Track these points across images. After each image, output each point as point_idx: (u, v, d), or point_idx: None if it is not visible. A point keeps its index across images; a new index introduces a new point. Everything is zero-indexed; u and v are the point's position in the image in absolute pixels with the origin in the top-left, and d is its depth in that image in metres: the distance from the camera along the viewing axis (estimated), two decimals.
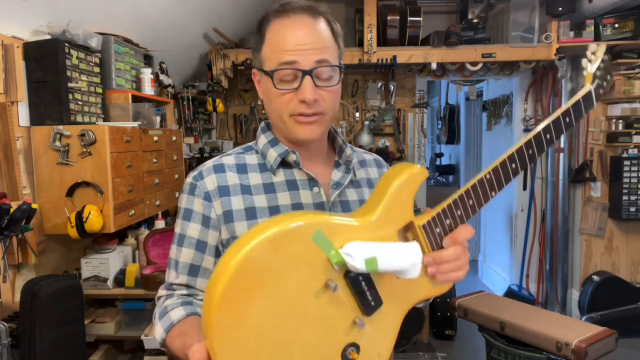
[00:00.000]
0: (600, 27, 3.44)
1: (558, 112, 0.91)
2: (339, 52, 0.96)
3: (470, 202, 0.85)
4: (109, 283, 2.35)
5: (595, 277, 3.80)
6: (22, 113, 2.05)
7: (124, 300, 2.40)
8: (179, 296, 0.95)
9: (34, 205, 1.90)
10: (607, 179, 3.80)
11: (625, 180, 3.62)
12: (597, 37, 3.45)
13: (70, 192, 2.10)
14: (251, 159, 1.00)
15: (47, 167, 2.10)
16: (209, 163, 0.99)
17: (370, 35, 3.51)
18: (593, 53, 0.98)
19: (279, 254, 0.67)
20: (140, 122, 2.42)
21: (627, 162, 3.62)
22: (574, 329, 2.35)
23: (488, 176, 0.86)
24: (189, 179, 0.98)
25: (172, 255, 0.98)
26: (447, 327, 3.66)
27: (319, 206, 0.95)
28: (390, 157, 4.11)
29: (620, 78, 3.56)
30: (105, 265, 2.36)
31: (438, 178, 6.42)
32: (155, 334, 0.93)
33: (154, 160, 2.62)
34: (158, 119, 2.74)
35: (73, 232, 2.07)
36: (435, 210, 0.83)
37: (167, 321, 0.90)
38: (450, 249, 0.81)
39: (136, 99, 2.53)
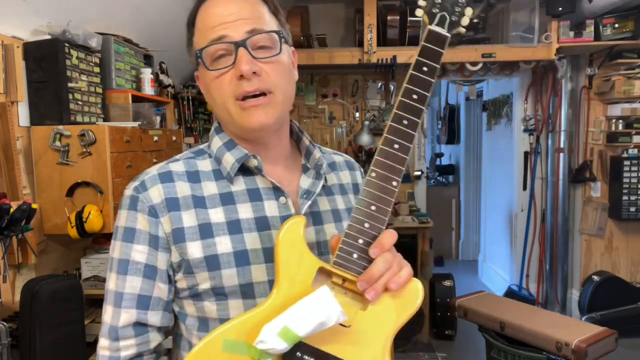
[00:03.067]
0: (600, 27, 3.44)
1: (410, 71, 0.77)
2: (282, 28, 0.84)
3: (373, 207, 0.74)
4: None
5: (595, 277, 3.80)
6: (22, 113, 2.05)
7: None
8: None
9: (34, 205, 1.90)
10: (607, 179, 3.80)
11: (625, 180, 3.62)
12: (597, 37, 3.45)
13: (70, 192, 2.10)
14: (204, 164, 0.86)
15: (47, 167, 2.10)
16: (153, 170, 0.84)
17: (370, 35, 3.51)
18: None
19: None
20: (140, 122, 2.42)
21: (627, 162, 3.62)
22: (574, 329, 2.35)
23: (374, 173, 0.75)
24: (128, 191, 0.82)
25: (111, 286, 0.80)
26: (447, 327, 3.66)
27: (287, 219, 0.79)
28: None
29: (620, 78, 3.56)
30: (105, 265, 2.36)
31: (438, 178, 6.42)
32: None
33: (154, 160, 2.62)
34: (158, 119, 2.74)
35: (73, 232, 2.07)
36: (340, 239, 0.74)
37: None
38: (378, 261, 0.72)
39: (136, 99, 2.53)
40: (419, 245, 3.75)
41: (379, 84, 4.14)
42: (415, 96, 0.76)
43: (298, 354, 0.68)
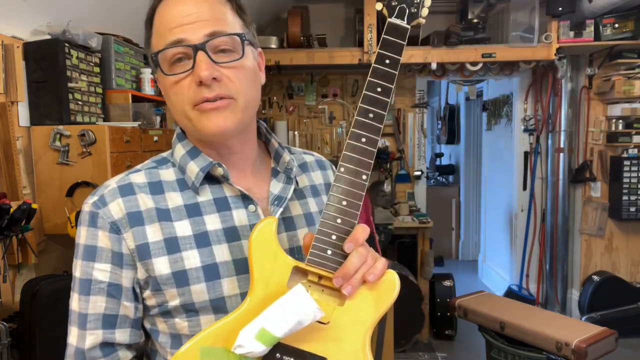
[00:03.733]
0: (600, 27, 3.44)
1: (373, 64, 0.76)
2: (246, 29, 0.80)
3: (344, 203, 0.73)
4: None
5: (595, 277, 3.80)
6: (22, 113, 2.05)
7: None
8: None
9: (34, 205, 1.90)
10: (607, 179, 3.80)
11: (625, 180, 3.62)
12: (597, 37, 3.45)
13: (70, 192, 2.10)
14: (167, 174, 0.81)
15: (47, 167, 2.10)
16: (112, 183, 0.79)
17: (370, 35, 3.51)
18: None
19: None
20: (140, 122, 2.42)
21: (627, 162, 3.62)
22: (574, 329, 2.35)
23: (342, 168, 0.74)
24: (86, 207, 0.78)
25: (75, 307, 0.76)
26: (447, 327, 3.66)
27: None
28: (390, 157, 4.11)
29: (620, 78, 3.56)
30: None
31: (438, 178, 6.42)
32: None
33: None
34: (158, 119, 2.74)
35: (73, 232, 2.07)
36: (313, 236, 0.73)
37: None
38: (352, 256, 0.71)
39: (136, 99, 2.53)
40: (419, 245, 3.75)
41: None
42: (379, 89, 0.76)
43: (277, 355, 0.67)
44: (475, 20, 3.69)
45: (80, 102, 2.17)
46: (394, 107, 4.14)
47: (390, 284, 0.74)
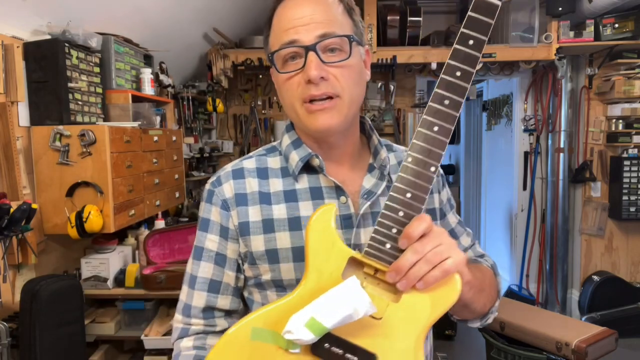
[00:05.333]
0: (600, 27, 3.44)
1: (455, 45, 0.69)
2: (355, 29, 0.84)
3: (408, 195, 0.70)
4: (109, 283, 2.35)
5: (595, 277, 3.80)
6: (22, 113, 2.05)
7: (124, 300, 2.40)
8: (195, 338, 0.86)
9: (34, 205, 1.90)
10: (607, 179, 3.80)
11: (625, 180, 3.62)
12: (597, 37, 3.45)
13: (70, 192, 2.10)
14: (274, 162, 0.90)
15: (47, 167, 2.10)
16: (228, 167, 0.91)
17: (370, 35, 3.51)
18: None
19: None
20: (140, 122, 2.42)
21: (627, 162, 3.62)
22: (574, 329, 2.35)
23: (410, 158, 0.71)
24: (207, 186, 0.90)
25: (189, 269, 0.89)
26: (447, 327, 3.66)
27: (347, 218, 0.83)
28: None
29: (620, 78, 3.56)
30: (105, 265, 2.36)
31: None
32: None
33: (154, 160, 2.62)
34: (158, 119, 2.74)
35: (73, 232, 2.07)
36: (373, 228, 0.72)
37: None
38: (408, 252, 0.68)
39: (136, 99, 2.53)
40: None
41: (379, 84, 4.14)
42: (459, 73, 0.69)
43: (326, 345, 0.66)
44: None
45: (80, 102, 2.17)
46: (393, 107, 4.14)
47: (452, 285, 0.69)
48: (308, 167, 0.86)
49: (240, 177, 0.88)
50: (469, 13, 0.70)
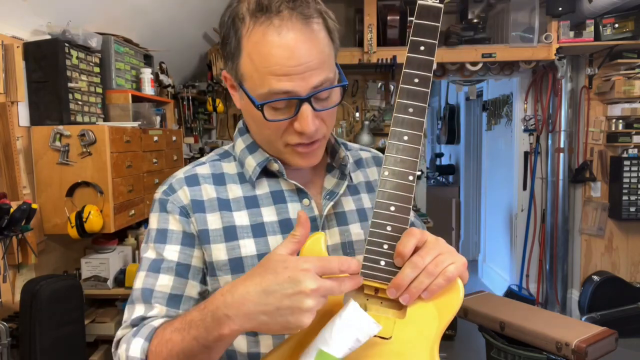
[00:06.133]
0: (600, 27, 3.44)
1: (407, 53, 0.70)
2: (335, 51, 0.78)
3: (392, 208, 0.69)
4: (109, 283, 2.35)
5: (595, 277, 3.80)
6: (22, 113, 2.05)
7: (124, 300, 2.40)
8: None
9: (34, 205, 1.90)
10: (607, 179, 3.80)
11: (625, 180, 3.62)
12: (597, 37, 3.45)
13: (70, 192, 2.10)
14: (229, 167, 0.86)
15: (47, 167, 2.10)
16: (180, 174, 0.85)
17: (370, 35, 3.51)
18: None
19: None
20: (140, 122, 2.42)
21: (627, 162, 3.62)
22: (574, 329, 2.35)
23: (387, 171, 0.70)
24: (157, 195, 0.83)
25: (139, 284, 0.79)
26: (447, 327, 3.65)
27: (311, 221, 0.76)
28: None
29: (620, 78, 3.56)
30: (105, 265, 2.36)
31: (438, 178, 6.42)
32: (130, 353, 0.72)
33: (154, 160, 2.62)
34: (158, 119, 2.74)
35: (73, 232, 2.07)
36: (364, 249, 0.71)
37: (147, 330, 0.73)
38: (406, 267, 0.67)
39: (136, 99, 2.53)
40: None
41: (379, 84, 4.14)
42: (416, 80, 0.70)
43: None
44: (475, 20, 3.68)
45: (80, 102, 2.17)
46: (393, 107, 4.14)
47: (454, 290, 0.68)
48: (267, 172, 0.83)
49: (194, 183, 0.82)
50: (414, 20, 0.71)
